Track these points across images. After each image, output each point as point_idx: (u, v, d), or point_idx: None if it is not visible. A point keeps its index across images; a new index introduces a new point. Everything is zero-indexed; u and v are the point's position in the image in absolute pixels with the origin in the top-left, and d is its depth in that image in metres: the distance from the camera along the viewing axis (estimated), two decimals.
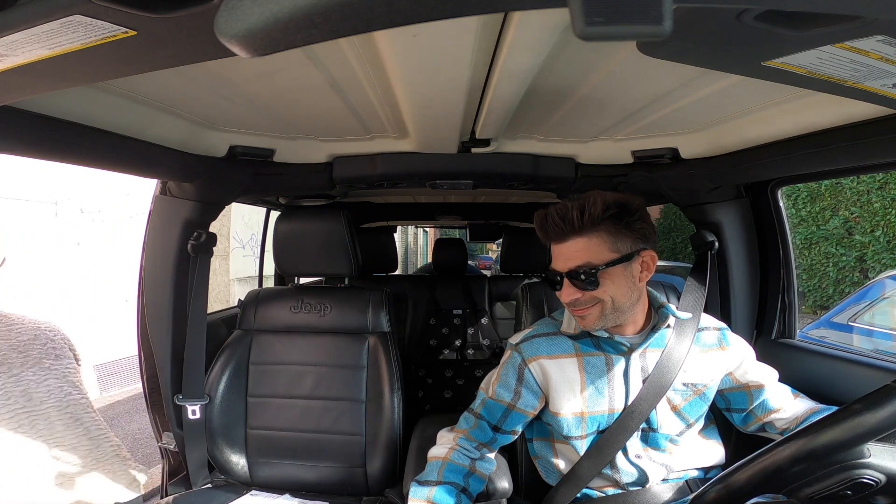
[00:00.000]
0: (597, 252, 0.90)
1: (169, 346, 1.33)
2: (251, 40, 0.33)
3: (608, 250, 0.91)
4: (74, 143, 0.87)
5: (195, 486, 1.33)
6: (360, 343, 1.40)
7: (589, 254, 0.90)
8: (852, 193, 7.27)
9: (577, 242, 0.91)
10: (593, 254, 0.90)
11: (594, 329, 0.96)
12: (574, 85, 0.89)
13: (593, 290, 0.91)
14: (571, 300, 0.93)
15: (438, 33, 0.64)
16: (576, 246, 0.91)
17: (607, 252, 0.91)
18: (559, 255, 0.94)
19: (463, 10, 0.32)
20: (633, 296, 0.95)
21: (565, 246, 0.93)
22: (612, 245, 0.91)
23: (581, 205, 0.90)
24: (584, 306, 0.93)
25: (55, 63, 0.49)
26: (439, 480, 0.94)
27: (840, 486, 0.63)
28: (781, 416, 1.00)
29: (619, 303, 0.93)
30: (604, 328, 0.97)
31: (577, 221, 0.90)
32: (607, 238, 0.91)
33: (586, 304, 0.93)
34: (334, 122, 1.13)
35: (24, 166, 3.96)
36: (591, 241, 0.90)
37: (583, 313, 0.94)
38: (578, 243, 0.91)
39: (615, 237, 0.91)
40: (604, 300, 0.92)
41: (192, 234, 1.30)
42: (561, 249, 0.94)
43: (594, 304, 0.93)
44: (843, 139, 0.85)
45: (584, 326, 0.97)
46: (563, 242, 0.93)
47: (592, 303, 0.93)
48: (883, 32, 0.41)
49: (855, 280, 7.18)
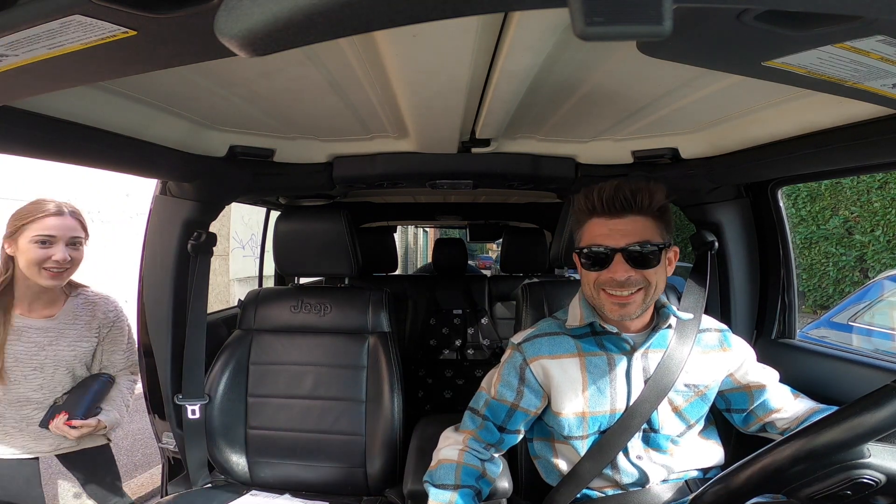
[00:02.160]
0: (652, 233, 0.91)
1: (169, 346, 1.33)
2: (251, 40, 0.33)
3: (659, 235, 0.92)
4: (74, 143, 0.87)
5: (195, 486, 1.33)
6: (360, 343, 1.40)
7: (647, 233, 0.91)
8: (852, 193, 7.27)
9: (639, 221, 0.91)
10: (650, 234, 0.91)
11: (633, 316, 0.94)
12: (574, 85, 0.89)
13: (652, 268, 0.91)
14: (624, 278, 0.91)
15: (438, 33, 0.64)
16: (636, 224, 0.91)
17: (658, 237, 0.92)
18: (613, 230, 0.92)
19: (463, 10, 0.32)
20: (663, 287, 0.96)
21: (624, 222, 0.91)
22: (661, 231, 0.93)
23: (651, 188, 0.91)
24: (632, 289, 0.91)
25: (55, 63, 0.49)
26: (457, 485, 0.94)
27: (840, 486, 0.63)
28: (782, 417, 1.00)
29: (658, 291, 0.94)
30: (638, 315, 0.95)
31: (646, 202, 0.91)
32: (658, 224, 0.93)
33: (635, 287, 0.91)
34: (334, 121, 1.13)
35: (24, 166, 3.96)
36: (648, 222, 0.92)
37: (628, 300, 0.92)
38: (639, 222, 0.91)
39: (662, 225, 0.93)
40: (651, 284, 0.92)
41: (192, 234, 1.30)
42: (618, 225, 0.92)
43: (639, 288, 0.92)
44: (843, 139, 0.85)
45: (622, 315, 0.94)
46: (621, 218, 0.92)
47: (639, 286, 0.92)
48: (883, 32, 0.41)
49: (855, 280, 7.18)
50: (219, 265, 5.39)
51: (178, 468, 1.44)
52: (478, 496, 0.96)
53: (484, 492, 0.99)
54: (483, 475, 0.99)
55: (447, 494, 0.93)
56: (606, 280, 0.92)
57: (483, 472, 0.99)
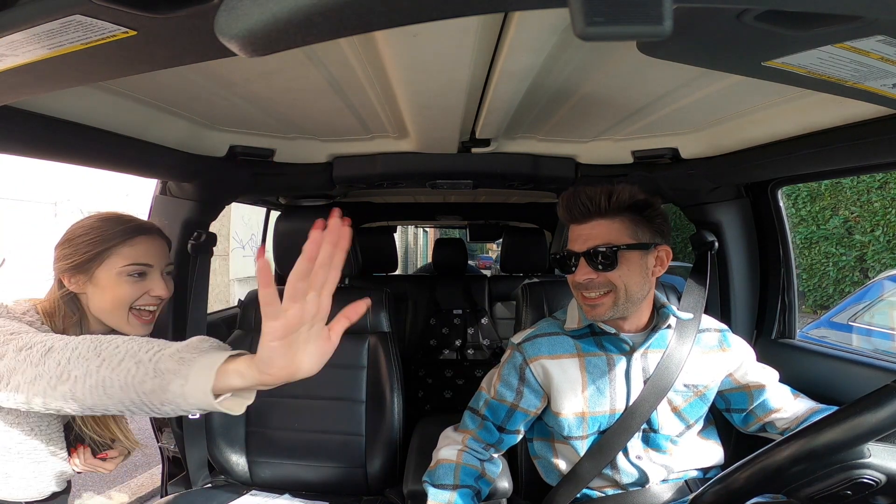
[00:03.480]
0: (617, 235, 0.92)
1: None
2: (251, 40, 0.33)
3: (628, 236, 0.92)
4: (74, 143, 0.87)
5: (195, 486, 1.33)
6: (360, 343, 1.40)
7: (610, 236, 0.92)
8: (852, 193, 7.27)
9: (600, 224, 0.93)
10: (614, 237, 0.92)
11: (603, 319, 0.96)
12: (574, 85, 0.89)
13: (610, 271, 0.92)
14: (585, 280, 0.93)
15: (438, 33, 0.64)
16: (598, 227, 0.93)
17: (627, 238, 0.92)
18: (579, 235, 0.95)
19: (463, 10, 0.32)
20: (645, 288, 0.95)
21: (588, 226, 0.94)
22: (632, 232, 0.93)
23: (609, 190, 0.92)
24: (597, 292, 0.93)
25: (55, 63, 0.49)
26: (456, 484, 0.94)
27: (840, 486, 0.63)
28: (782, 416, 1.00)
29: (632, 292, 0.93)
30: (612, 318, 0.96)
31: (605, 204, 0.92)
32: (629, 225, 0.93)
33: (600, 290, 0.93)
34: (334, 121, 1.13)
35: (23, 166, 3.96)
36: (614, 224, 0.93)
37: (595, 302, 0.94)
38: (601, 225, 0.93)
39: (636, 226, 0.93)
40: (617, 286, 0.92)
41: (192, 234, 1.30)
42: (582, 230, 0.95)
43: (607, 291, 0.93)
44: (843, 139, 0.85)
45: (593, 316, 0.96)
46: (585, 223, 0.94)
47: (606, 289, 0.93)
48: (883, 32, 0.41)
49: (855, 280, 7.19)
50: (219, 265, 5.39)
51: (178, 468, 1.44)
52: (477, 496, 0.96)
53: (483, 492, 0.99)
54: (482, 475, 0.99)
55: (446, 494, 0.93)
56: (574, 283, 0.96)
57: (482, 471, 0.99)
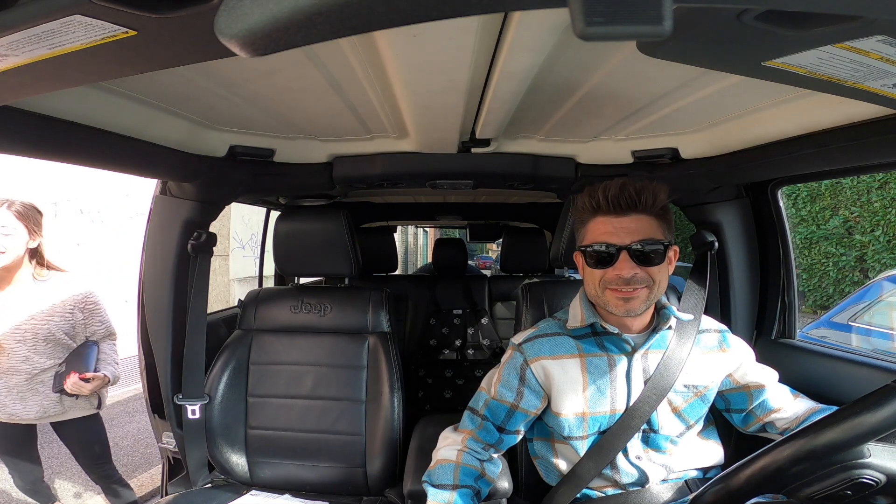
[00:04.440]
0: (656, 231, 0.92)
1: (169, 346, 1.33)
2: (251, 40, 0.33)
3: (661, 233, 0.93)
4: (74, 143, 0.87)
5: (195, 486, 1.33)
6: (360, 343, 1.40)
7: (651, 231, 0.92)
8: (852, 193, 7.27)
9: (643, 219, 0.92)
10: (654, 232, 0.92)
11: (637, 312, 0.95)
12: (574, 85, 0.89)
13: (657, 265, 0.91)
14: (630, 275, 0.91)
15: (438, 33, 0.64)
16: (640, 222, 0.92)
17: (661, 234, 0.92)
18: (618, 228, 0.92)
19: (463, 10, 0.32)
20: (666, 286, 0.96)
21: (628, 220, 0.92)
22: (663, 230, 0.93)
23: (655, 187, 0.92)
24: (638, 285, 0.92)
25: (55, 63, 0.49)
26: (455, 484, 0.94)
27: (840, 486, 0.63)
28: (782, 416, 1.00)
29: (661, 288, 0.94)
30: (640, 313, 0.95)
31: (650, 200, 0.91)
32: (662, 223, 0.93)
33: (640, 284, 0.92)
34: (334, 121, 1.13)
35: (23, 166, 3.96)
36: (652, 221, 0.92)
37: (633, 294, 0.92)
38: (643, 220, 0.92)
39: (665, 224, 0.94)
40: (655, 282, 0.92)
41: (192, 234, 1.30)
42: (622, 223, 0.92)
43: (645, 285, 0.92)
44: (843, 139, 0.85)
45: (627, 310, 0.94)
46: (625, 216, 0.92)
47: (644, 283, 0.92)
48: (883, 32, 0.41)
49: (855, 280, 7.18)
50: (219, 265, 5.39)
51: (178, 468, 1.44)
52: (477, 496, 0.96)
53: (483, 492, 0.99)
54: (482, 475, 0.99)
55: (446, 494, 0.93)
56: (612, 278, 0.92)
57: (482, 472, 0.99)
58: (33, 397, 1.60)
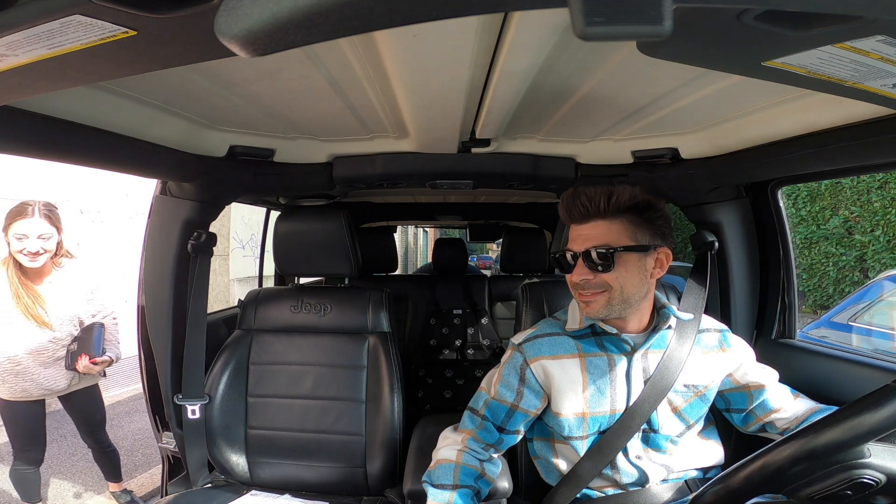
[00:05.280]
0: (616, 237, 0.92)
1: (169, 346, 1.33)
2: (251, 40, 0.33)
3: (627, 238, 0.92)
4: (74, 143, 0.87)
5: (195, 486, 1.33)
6: (360, 343, 1.40)
7: (608, 237, 0.92)
8: (852, 193, 7.27)
9: (599, 225, 0.93)
10: (612, 238, 0.92)
11: (598, 317, 0.96)
12: (574, 85, 0.89)
13: (606, 272, 0.92)
14: (581, 280, 0.93)
15: (438, 33, 0.64)
16: (597, 228, 0.93)
17: (626, 239, 0.92)
18: (578, 235, 0.95)
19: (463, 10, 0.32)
20: (643, 290, 0.95)
21: (586, 227, 0.94)
22: (631, 234, 0.93)
23: (609, 191, 0.92)
24: (592, 290, 0.93)
25: (55, 63, 0.49)
26: (455, 484, 0.94)
27: (840, 485, 0.63)
28: (782, 416, 1.00)
29: (628, 293, 0.93)
30: (607, 318, 0.96)
31: (604, 205, 0.92)
32: (628, 226, 0.93)
33: (595, 289, 0.93)
34: (334, 121, 1.13)
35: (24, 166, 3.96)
36: (613, 226, 0.92)
37: (589, 298, 0.94)
38: (600, 226, 0.93)
39: (636, 228, 0.93)
40: (612, 287, 0.92)
41: (192, 234, 1.30)
42: (581, 230, 0.95)
43: (602, 290, 0.93)
44: (843, 139, 0.85)
45: (587, 313, 0.96)
46: (584, 223, 0.94)
47: (601, 288, 0.93)
48: (883, 32, 0.41)
49: (855, 279, 7.18)
50: (219, 265, 5.39)
51: (178, 468, 1.44)
52: (477, 496, 0.96)
53: (483, 491, 0.99)
54: (482, 475, 0.99)
55: (445, 494, 0.93)
56: (572, 283, 0.96)
57: (482, 472, 0.99)
58: (58, 372, 1.85)
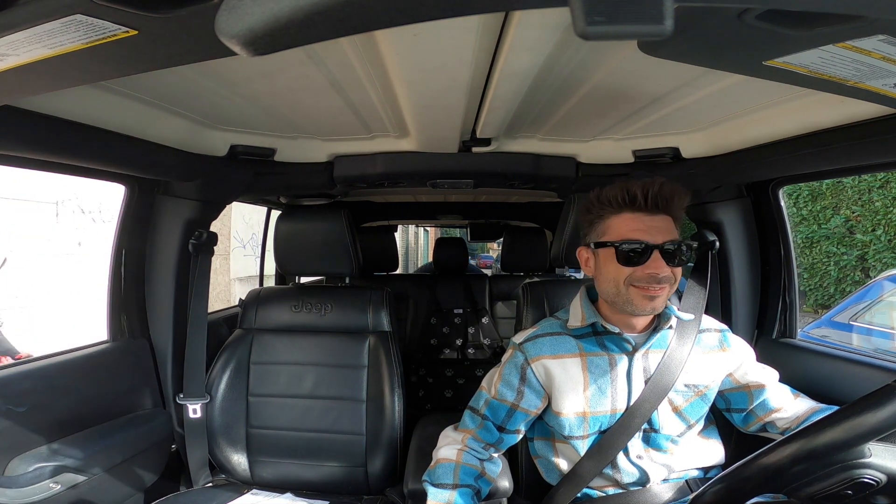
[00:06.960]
0: (676, 234, 0.93)
1: (170, 346, 1.33)
2: (252, 39, 0.33)
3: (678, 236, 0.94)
4: (75, 142, 0.87)
5: (196, 486, 1.33)
6: (361, 342, 1.40)
7: (675, 232, 0.93)
8: (853, 192, 7.25)
9: (668, 220, 0.93)
10: (676, 233, 0.93)
11: (659, 310, 0.96)
12: (575, 84, 0.89)
13: (683, 265, 0.92)
14: (664, 274, 0.91)
15: (439, 33, 0.64)
16: (668, 223, 0.93)
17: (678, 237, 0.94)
18: (651, 226, 0.92)
19: (463, 10, 0.32)
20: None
21: (658, 219, 0.92)
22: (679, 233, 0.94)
23: (680, 190, 0.93)
24: (665, 283, 0.93)
25: (56, 63, 0.49)
26: (455, 484, 0.94)
27: (841, 485, 0.63)
28: (782, 416, 1.00)
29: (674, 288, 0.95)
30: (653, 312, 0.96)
31: (679, 204, 0.93)
32: (678, 226, 0.95)
33: (665, 283, 0.92)
34: (335, 121, 1.13)
35: None
36: (673, 224, 0.94)
37: (660, 292, 0.92)
38: (668, 220, 0.93)
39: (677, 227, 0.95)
40: (676, 280, 0.93)
41: (192, 234, 1.30)
42: (655, 222, 0.92)
43: (669, 283, 0.93)
44: (844, 139, 0.85)
45: (653, 307, 0.94)
46: (655, 215, 0.93)
47: (669, 282, 0.93)
48: (884, 32, 0.41)
49: (856, 279, 7.17)
50: (219, 265, 5.39)
51: (179, 467, 1.44)
52: (477, 495, 0.96)
53: (483, 491, 0.99)
54: (482, 474, 0.99)
55: (446, 494, 0.93)
56: (642, 276, 0.91)
57: (482, 471, 0.99)
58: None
